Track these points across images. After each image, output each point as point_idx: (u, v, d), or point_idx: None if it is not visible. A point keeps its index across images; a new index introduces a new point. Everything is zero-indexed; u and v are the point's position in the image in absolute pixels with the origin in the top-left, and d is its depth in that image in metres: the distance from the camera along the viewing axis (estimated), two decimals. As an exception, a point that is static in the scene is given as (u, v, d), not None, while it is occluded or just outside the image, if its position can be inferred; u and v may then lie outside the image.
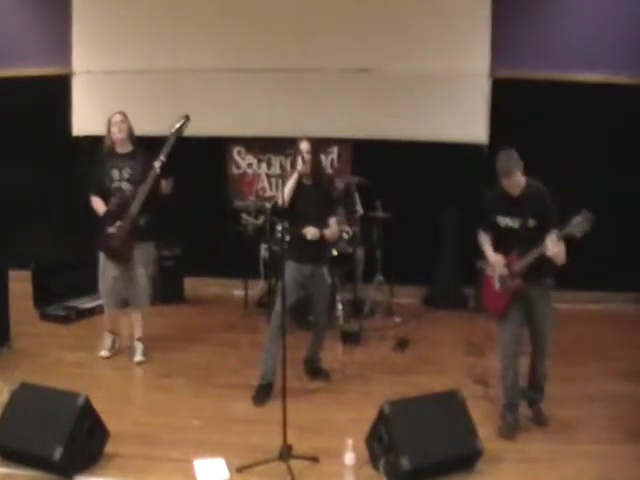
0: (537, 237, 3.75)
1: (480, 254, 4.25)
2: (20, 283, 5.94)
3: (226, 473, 3.52)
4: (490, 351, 4.87)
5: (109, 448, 3.69)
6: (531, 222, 3.85)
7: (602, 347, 5.60)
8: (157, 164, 4.75)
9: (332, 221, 4.64)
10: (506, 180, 3.80)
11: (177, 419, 4.18)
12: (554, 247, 3.63)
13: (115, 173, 4.88)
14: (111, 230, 4.84)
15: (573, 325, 5.87)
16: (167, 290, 6.77)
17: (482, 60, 6.71)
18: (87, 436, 3.55)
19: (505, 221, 3.95)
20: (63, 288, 6.43)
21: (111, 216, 4.84)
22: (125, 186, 4.87)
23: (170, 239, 6.74)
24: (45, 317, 6.14)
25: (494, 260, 4.05)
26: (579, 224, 3.54)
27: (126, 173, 4.87)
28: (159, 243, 6.70)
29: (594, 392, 4.64)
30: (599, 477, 3.54)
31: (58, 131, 7.17)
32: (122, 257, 4.92)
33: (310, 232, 4.45)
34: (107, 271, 5.00)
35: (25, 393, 3.68)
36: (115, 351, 5.19)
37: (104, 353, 5.14)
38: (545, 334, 4.06)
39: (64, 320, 6.06)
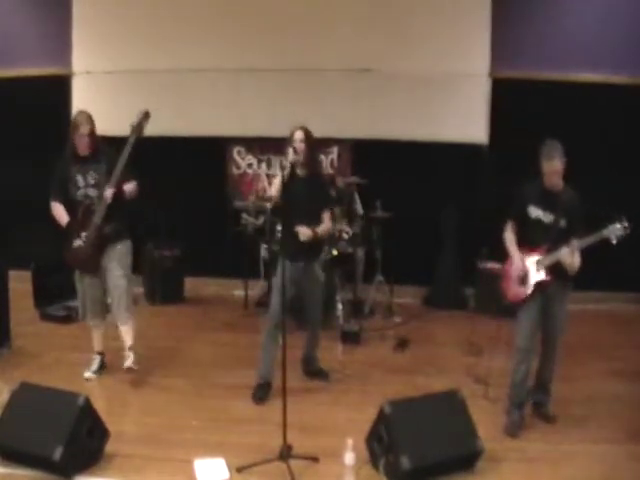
0: (564, 238, 3.84)
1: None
2: (20, 283, 5.94)
3: (226, 473, 3.52)
4: (490, 351, 4.87)
5: (109, 448, 3.69)
6: (562, 222, 3.92)
7: (602, 347, 5.61)
8: (108, 193, 4.42)
9: (326, 216, 4.59)
10: (547, 163, 3.87)
11: (177, 419, 4.18)
12: (568, 256, 3.78)
13: (80, 179, 4.55)
14: (77, 243, 4.57)
15: (574, 325, 5.82)
16: (167, 290, 6.77)
17: (482, 60, 6.72)
18: (87, 436, 3.55)
19: (537, 212, 4.00)
20: (63, 288, 6.42)
21: (77, 227, 4.58)
22: (91, 192, 4.55)
23: (170, 239, 6.76)
24: (45, 317, 6.14)
25: (518, 261, 4.06)
26: (616, 230, 3.67)
27: (91, 178, 4.55)
28: (159, 244, 6.76)
29: (594, 392, 4.64)
30: (599, 477, 3.54)
31: (58, 131, 7.16)
32: (88, 268, 4.65)
33: (303, 233, 4.40)
34: (83, 279, 4.73)
35: (25, 393, 3.68)
36: (102, 372, 4.87)
37: (89, 375, 4.79)
38: (557, 334, 4.08)
39: (64, 320, 6.05)
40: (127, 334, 4.75)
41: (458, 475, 3.52)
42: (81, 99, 7.18)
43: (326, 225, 4.60)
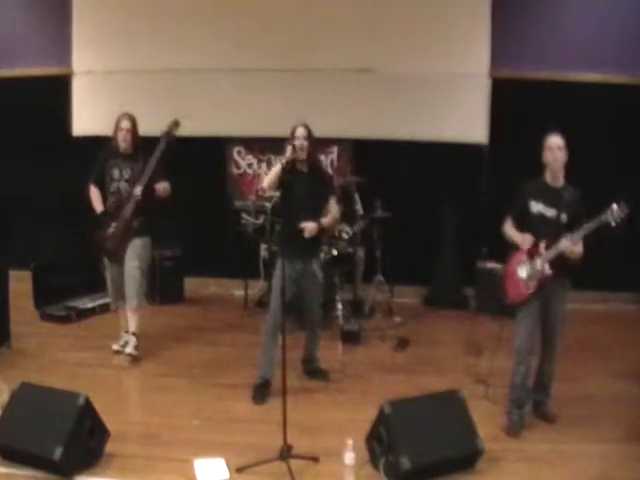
0: (566, 233, 3.84)
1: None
2: (20, 283, 5.94)
3: (226, 473, 3.52)
4: (490, 351, 4.87)
5: (109, 448, 3.69)
6: (564, 216, 3.91)
7: (602, 347, 5.60)
8: (137, 190, 4.79)
9: (332, 203, 4.58)
10: (549, 139, 3.94)
11: (177, 419, 4.17)
12: (569, 246, 3.78)
13: (116, 172, 4.92)
14: (107, 232, 4.91)
15: (573, 325, 5.84)
16: (167, 290, 6.77)
17: (482, 60, 6.73)
18: (87, 436, 3.54)
19: (538, 207, 4.00)
20: (63, 288, 6.43)
21: (108, 217, 4.91)
22: (123, 186, 4.92)
23: (170, 239, 6.75)
24: (45, 317, 6.13)
25: (522, 239, 4.03)
26: (614, 212, 3.66)
27: (126, 174, 4.91)
28: (159, 243, 6.74)
29: (594, 392, 4.64)
30: (599, 477, 3.54)
31: (58, 131, 7.17)
32: (115, 257, 5.00)
33: (308, 229, 4.39)
34: (109, 268, 5.09)
35: (25, 393, 3.67)
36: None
37: (116, 347, 5.19)
38: (556, 333, 4.08)
39: (64, 320, 6.05)
40: (132, 320, 5.10)
41: (458, 475, 3.51)
42: (81, 99, 7.20)
43: (332, 215, 4.58)
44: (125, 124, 4.87)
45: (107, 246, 4.95)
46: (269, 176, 4.38)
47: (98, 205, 4.97)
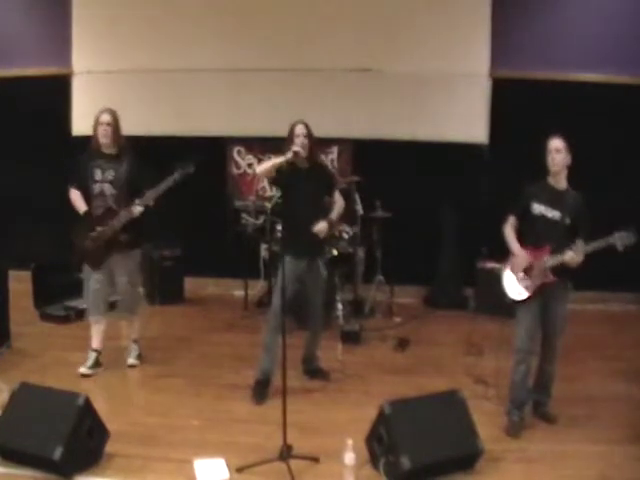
0: (568, 235, 3.87)
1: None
2: (20, 283, 5.94)
3: (226, 473, 3.52)
4: (490, 351, 4.87)
5: (109, 448, 3.69)
6: (567, 219, 3.92)
7: (602, 347, 5.60)
8: (136, 210, 4.60)
9: (336, 195, 4.62)
10: (550, 142, 3.97)
11: (177, 419, 4.17)
12: (573, 258, 3.81)
13: (98, 173, 4.69)
14: (90, 234, 4.67)
15: (573, 325, 5.84)
16: (167, 290, 6.77)
17: (482, 60, 6.72)
18: (87, 436, 3.54)
19: (540, 209, 4.00)
20: (63, 288, 6.43)
21: (94, 219, 4.68)
22: (107, 188, 4.69)
23: (170, 239, 6.75)
24: (45, 317, 6.14)
25: (520, 254, 4.04)
26: (623, 238, 3.72)
27: (109, 175, 4.69)
28: (159, 243, 6.75)
29: (594, 392, 4.64)
30: (599, 477, 3.54)
31: (58, 131, 7.17)
32: (92, 261, 4.76)
33: (320, 230, 4.41)
34: (90, 274, 4.83)
35: (25, 393, 3.68)
36: (97, 370, 4.84)
37: (84, 370, 4.77)
38: (557, 333, 4.08)
39: (64, 320, 6.05)
40: (133, 326, 5.08)
41: (458, 475, 3.51)
42: (81, 99, 7.19)
43: (338, 206, 4.62)
44: (105, 118, 4.63)
45: (86, 248, 4.69)
46: (266, 165, 4.37)
47: (82, 205, 4.71)
